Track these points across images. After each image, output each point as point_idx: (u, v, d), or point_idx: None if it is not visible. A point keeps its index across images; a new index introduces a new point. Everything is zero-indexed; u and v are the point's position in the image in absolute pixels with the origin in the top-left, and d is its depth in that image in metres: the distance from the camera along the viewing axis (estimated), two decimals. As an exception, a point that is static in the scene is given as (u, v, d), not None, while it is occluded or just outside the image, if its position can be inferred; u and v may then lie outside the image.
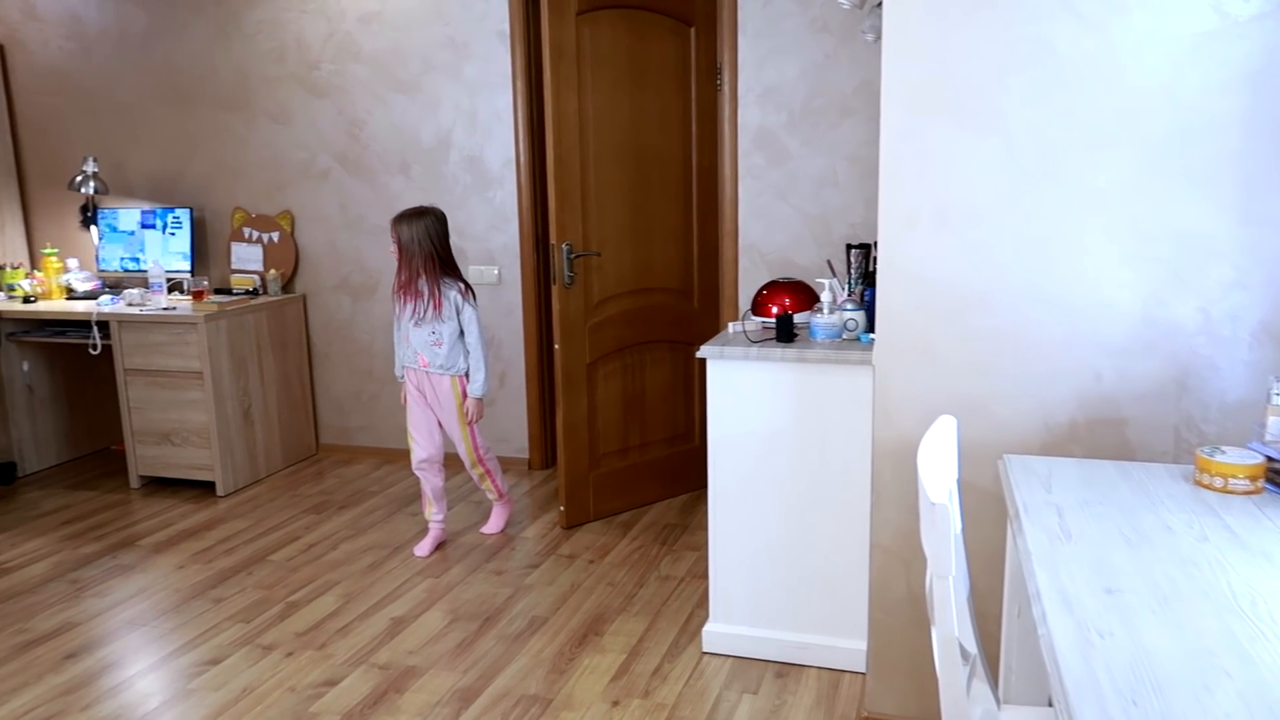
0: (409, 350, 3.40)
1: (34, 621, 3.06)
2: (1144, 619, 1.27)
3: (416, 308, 3.34)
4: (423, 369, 3.39)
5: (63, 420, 4.75)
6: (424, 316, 3.34)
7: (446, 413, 3.45)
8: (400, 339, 3.44)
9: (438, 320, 3.33)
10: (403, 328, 3.40)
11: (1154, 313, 2.03)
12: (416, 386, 3.45)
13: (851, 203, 3.82)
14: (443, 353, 3.37)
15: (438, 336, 3.36)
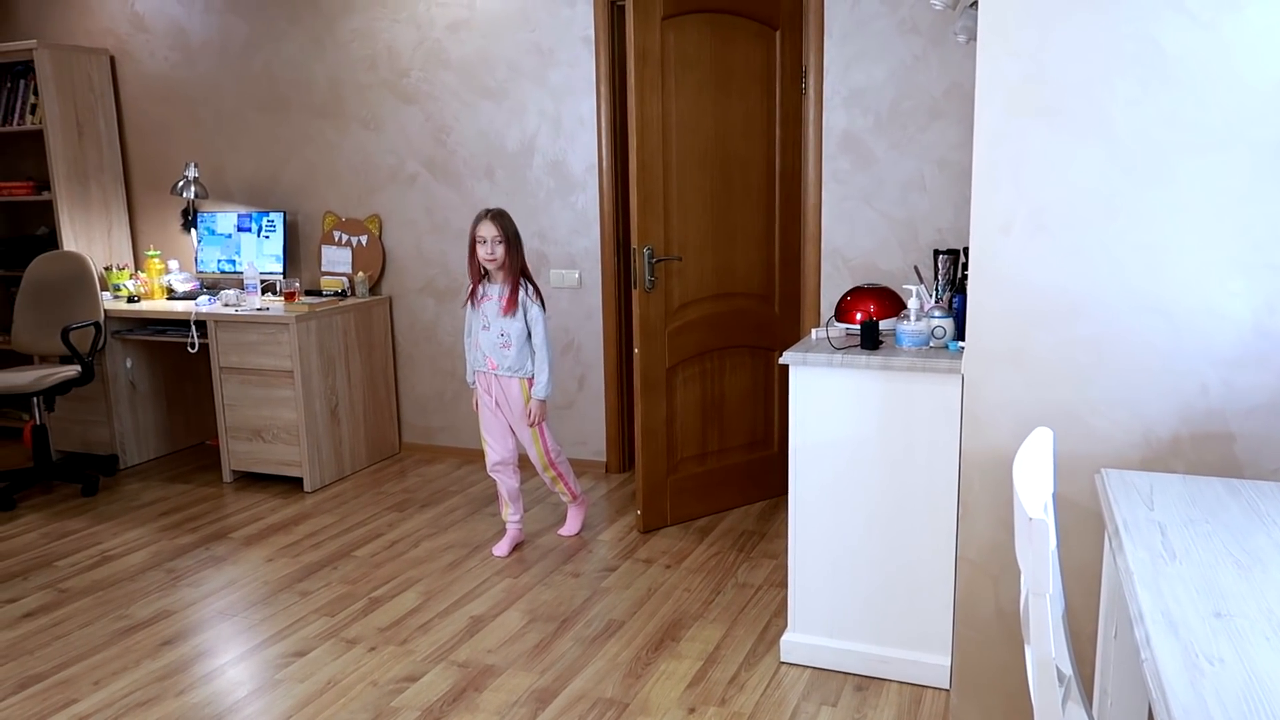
0: (478, 354, 3.43)
1: (133, 608, 3.18)
2: (1257, 645, 1.21)
3: (485, 310, 3.37)
4: (491, 372, 3.41)
5: (161, 415, 4.94)
6: (494, 317, 3.35)
7: (517, 416, 3.46)
8: (470, 344, 3.48)
9: (508, 319, 3.34)
10: (473, 332, 3.43)
11: (1266, 323, 1.93)
12: (487, 390, 3.46)
13: (939, 207, 3.74)
14: (511, 355, 3.37)
15: (506, 338, 3.36)
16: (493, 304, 3.35)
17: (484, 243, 3.28)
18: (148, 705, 2.59)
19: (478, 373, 3.47)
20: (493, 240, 3.27)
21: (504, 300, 3.33)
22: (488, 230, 3.27)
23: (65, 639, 2.98)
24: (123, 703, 2.61)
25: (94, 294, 4.41)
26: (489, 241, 3.28)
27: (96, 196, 4.99)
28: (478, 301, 3.38)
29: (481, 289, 3.37)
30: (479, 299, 3.38)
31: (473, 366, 3.48)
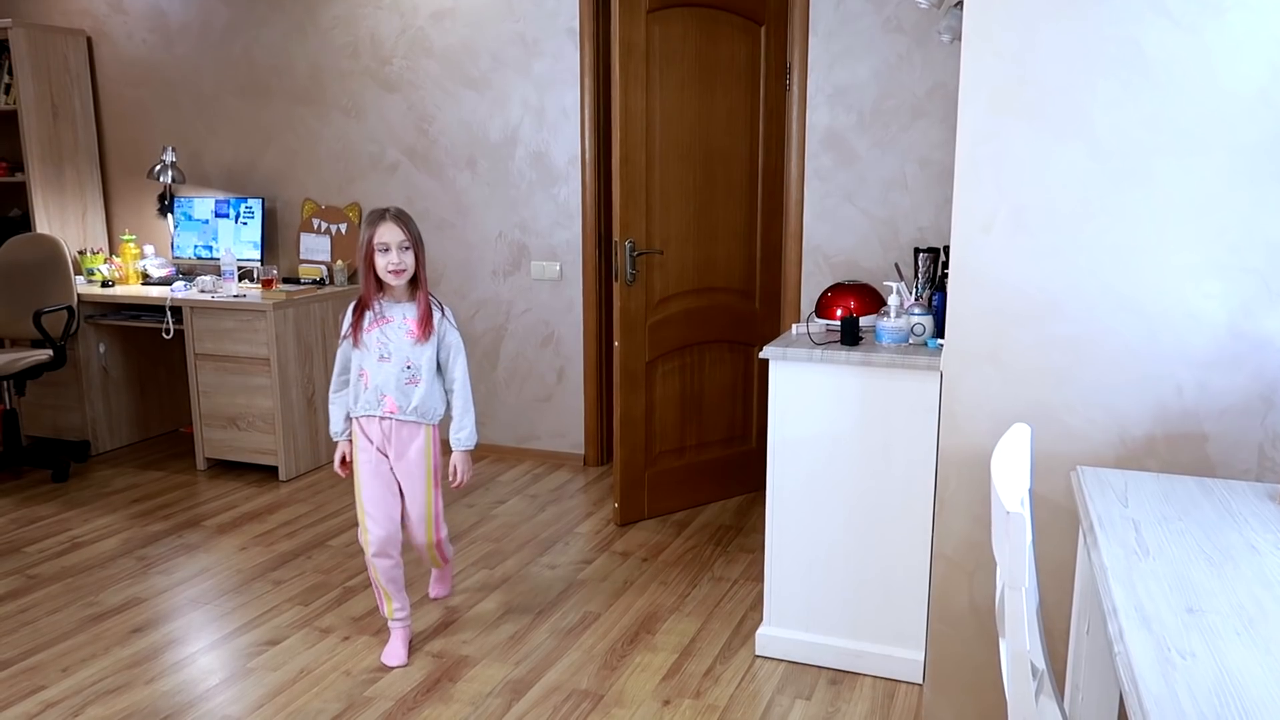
0: (369, 394, 2.62)
1: (104, 595, 3.14)
2: (1228, 640, 1.22)
3: (383, 336, 2.61)
4: (389, 417, 2.63)
5: (135, 402, 4.88)
6: (398, 345, 2.60)
7: (413, 478, 2.69)
8: (349, 384, 2.68)
9: (419, 347, 2.61)
10: (361, 367, 2.63)
11: (1241, 325, 1.96)
12: (371, 442, 2.65)
13: (920, 206, 3.76)
14: (420, 393, 2.63)
15: (414, 372, 2.62)
16: (395, 328, 2.61)
17: (386, 250, 2.54)
18: (117, 693, 2.56)
19: (358, 419, 2.65)
20: (398, 246, 2.54)
21: (413, 323, 2.61)
22: (392, 234, 2.54)
23: (33, 625, 2.94)
24: (91, 690, 2.58)
25: (67, 278, 4.35)
26: (393, 248, 2.54)
27: (71, 179, 4.92)
28: (368, 327, 2.60)
29: (376, 310, 2.61)
30: (370, 324, 2.60)
31: (352, 410, 2.67)
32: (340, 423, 2.70)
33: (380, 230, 2.54)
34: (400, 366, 2.61)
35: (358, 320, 2.61)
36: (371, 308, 2.60)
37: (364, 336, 2.60)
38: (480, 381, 4.64)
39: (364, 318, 2.61)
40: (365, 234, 2.54)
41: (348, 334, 2.63)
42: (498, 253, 4.50)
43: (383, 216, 2.55)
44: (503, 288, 4.52)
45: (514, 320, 4.53)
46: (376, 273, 2.56)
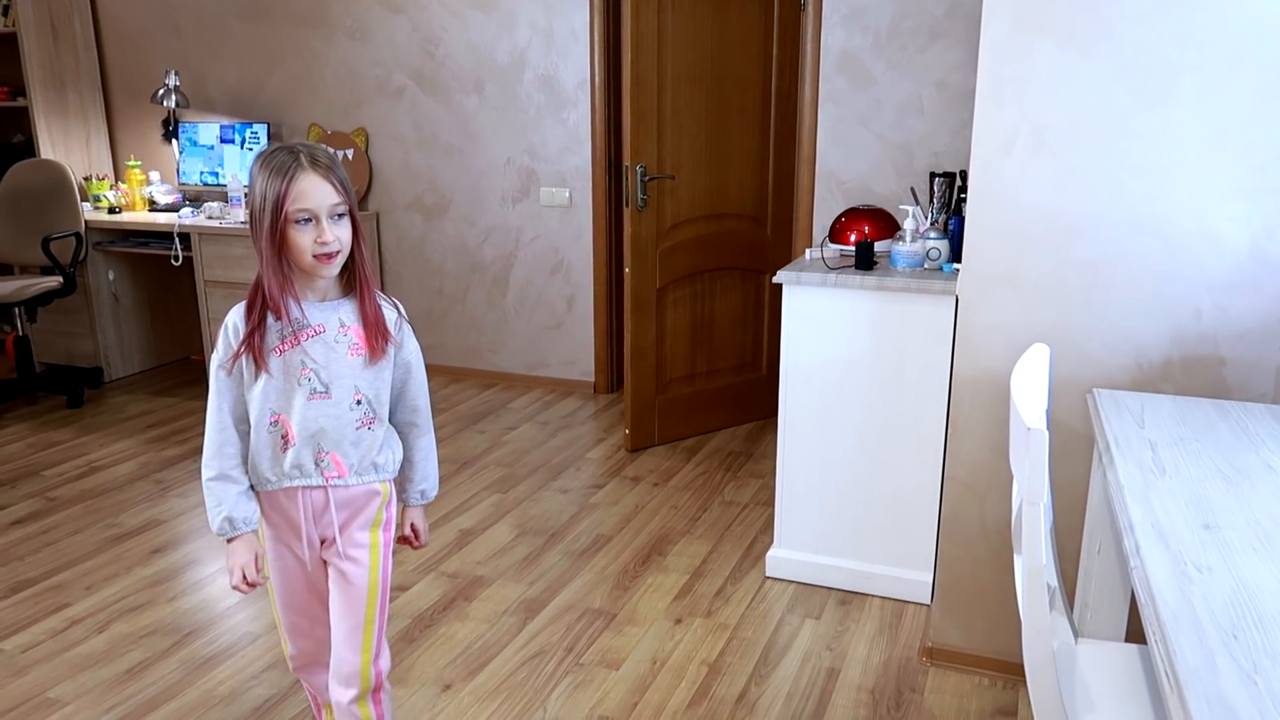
0: (294, 453, 1.63)
1: (123, 517, 3.19)
2: (1245, 555, 1.23)
3: (304, 359, 1.60)
4: (325, 485, 1.66)
5: (146, 329, 4.89)
6: (333, 370, 1.62)
7: (357, 572, 1.72)
8: (254, 437, 1.64)
9: (372, 370, 1.66)
10: (265, 406, 1.61)
11: (1264, 248, 1.94)
12: (302, 533, 1.68)
13: (937, 130, 3.69)
14: (377, 438, 1.69)
15: (368, 408, 1.66)
16: (330, 343, 1.62)
17: (308, 220, 1.54)
18: (140, 610, 2.62)
19: (271, 496, 1.66)
20: (329, 213, 1.55)
21: (357, 331, 1.64)
22: (317, 192, 1.54)
23: (55, 546, 2.99)
24: (115, 607, 2.63)
25: (74, 204, 4.32)
26: (321, 216, 1.54)
27: (74, 104, 4.85)
28: (280, 346, 1.60)
29: (293, 317, 1.59)
30: (284, 340, 1.60)
31: (260, 484, 1.66)
32: (240, 505, 1.61)
33: (297, 186, 1.50)
34: (347, 402, 1.62)
35: (256, 335, 1.56)
36: (284, 314, 1.56)
37: (275, 360, 1.58)
38: (490, 310, 4.63)
39: (268, 331, 1.57)
40: (267, 191, 1.51)
41: (238, 358, 1.57)
42: (506, 179, 4.45)
43: (296, 161, 1.51)
44: (511, 214, 4.48)
45: (523, 248, 4.50)
46: (291, 256, 1.54)
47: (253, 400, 1.61)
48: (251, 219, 1.57)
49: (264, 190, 1.52)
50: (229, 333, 1.60)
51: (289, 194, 1.51)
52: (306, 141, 1.77)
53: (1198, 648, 1.03)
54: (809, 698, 2.24)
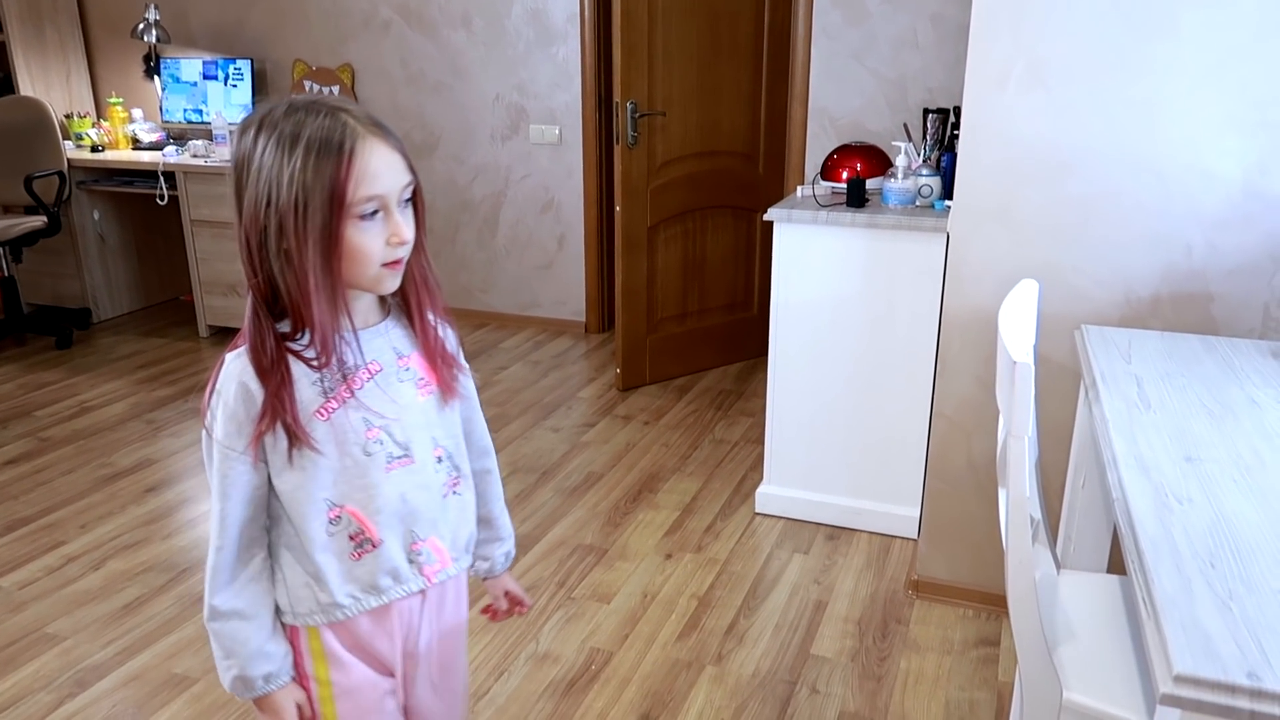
0: (385, 552, 1.13)
1: (115, 457, 3.20)
2: (1225, 487, 1.25)
3: (382, 394, 1.11)
4: (426, 590, 1.18)
5: (133, 269, 4.85)
6: (411, 419, 1.14)
7: (452, 673, 1.29)
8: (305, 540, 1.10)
9: (446, 411, 1.19)
10: (336, 492, 1.09)
11: (1257, 183, 1.92)
12: (388, 663, 1.20)
13: (931, 66, 3.64)
14: (467, 505, 1.23)
15: (450, 466, 1.19)
16: (384, 388, 1.12)
17: (375, 212, 1.03)
18: (135, 547, 2.64)
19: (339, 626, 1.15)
20: (399, 196, 1.04)
21: (418, 362, 1.16)
22: (392, 169, 1.03)
23: (49, 485, 3.00)
24: (110, 545, 2.65)
25: (56, 142, 4.25)
26: (393, 202, 1.04)
27: (53, 39, 4.74)
28: (316, 412, 1.07)
29: (340, 364, 1.08)
30: (327, 399, 1.07)
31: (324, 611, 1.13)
32: (264, 655, 1.11)
33: (361, 163, 1.00)
34: (430, 462, 1.16)
35: (284, 399, 1.04)
36: (332, 357, 1.07)
37: (322, 428, 1.07)
38: (480, 249, 4.60)
39: (298, 387, 1.06)
40: (307, 176, 0.99)
41: (261, 439, 1.05)
42: (495, 116, 4.39)
43: (346, 127, 1.01)
44: (501, 152, 4.42)
45: (513, 186, 4.45)
46: (345, 269, 1.03)
47: (292, 494, 1.07)
48: (261, 219, 0.99)
49: (300, 175, 0.97)
50: (236, 401, 1.03)
51: (350, 176, 0.99)
52: (326, 96, 1.17)
53: (1175, 576, 1.05)
54: (796, 629, 2.28)
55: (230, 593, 1.09)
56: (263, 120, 1.02)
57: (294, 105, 1.02)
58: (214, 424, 1.06)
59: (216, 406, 1.06)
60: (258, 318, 1.05)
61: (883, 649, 2.22)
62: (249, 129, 1.02)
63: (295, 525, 1.10)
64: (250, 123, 1.03)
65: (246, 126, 1.03)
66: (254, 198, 1.00)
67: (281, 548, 1.12)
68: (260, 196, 1.00)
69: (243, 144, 1.02)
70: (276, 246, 1.01)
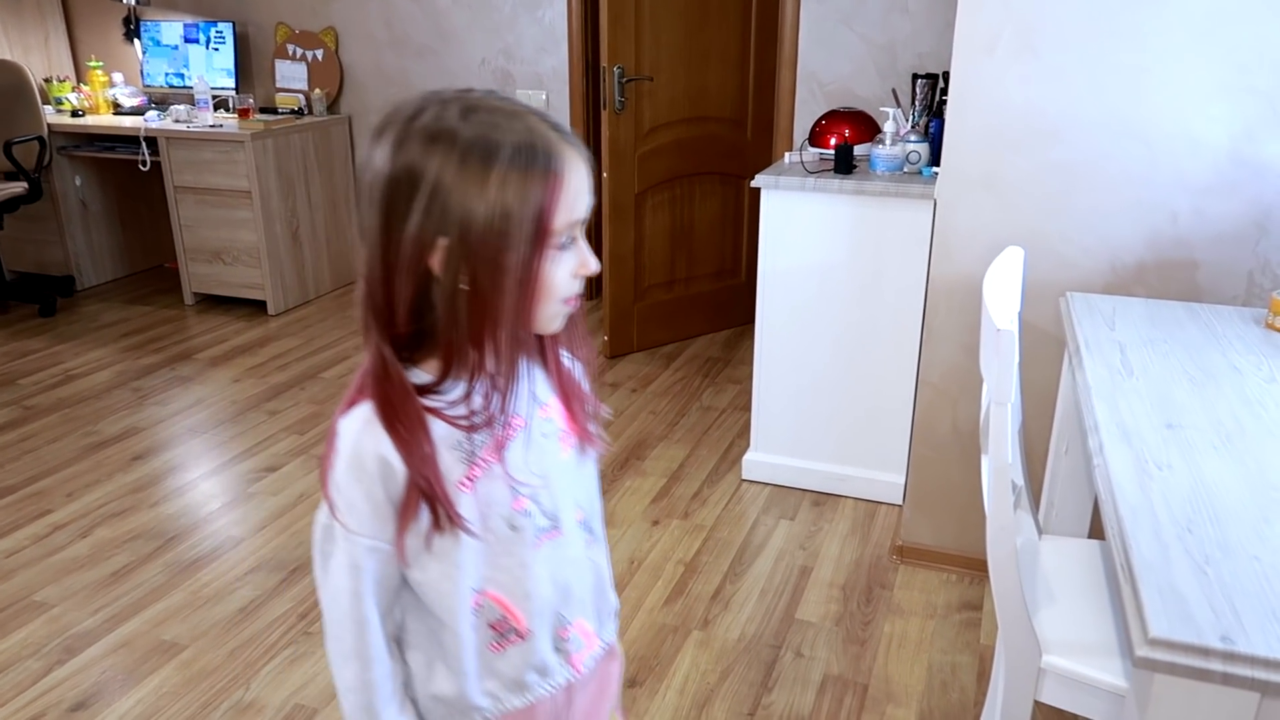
0: (534, 645, 0.95)
1: (101, 425, 3.19)
2: (1205, 454, 1.26)
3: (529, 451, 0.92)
4: (576, 672, 1.00)
5: (116, 236, 4.80)
6: (557, 481, 0.95)
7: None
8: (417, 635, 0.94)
9: (587, 465, 1.01)
10: (479, 577, 0.91)
11: (1243, 150, 1.92)
12: None
13: (920, 31, 3.61)
14: (604, 570, 1.04)
15: (587, 529, 1.00)
16: (528, 448, 0.92)
17: (570, 241, 0.86)
18: (122, 515, 2.64)
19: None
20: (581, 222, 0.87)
21: (558, 410, 0.97)
22: (588, 189, 0.86)
23: (35, 453, 2.99)
24: (98, 513, 2.65)
25: (35, 107, 4.18)
26: (579, 229, 0.87)
27: (30, 1, 4.65)
28: (458, 482, 0.87)
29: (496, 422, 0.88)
30: (470, 466, 0.88)
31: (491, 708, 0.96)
32: None
33: (572, 185, 0.84)
34: (575, 530, 0.99)
35: (428, 469, 0.85)
36: (498, 413, 0.88)
37: (466, 501, 0.88)
38: (467, 216, 4.56)
39: (438, 451, 0.86)
40: (506, 199, 0.80)
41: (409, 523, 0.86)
42: (481, 80, 4.33)
43: (552, 136, 0.84)
44: (488, 118, 4.37)
45: (500, 152, 4.41)
46: (538, 304, 0.86)
47: (430, 585, 0.90)
48: (432, 247, 0.81)
49: (500, 195, 0.80)
50: (373, 478, 0.84)
51: (558, 200, 0.83)
52: (489, 92, 0.86)
53: (1153, 542, 1.06)
54: (782, 594, 2.30)
55: (396, 710, 0.92)
56: (433, 124, 0.81)
57: (470, 105, 0.82)
58: (344, 510, 0.86)
59: (345, 487, 0.85)
60: (387, 369, 0.85)
61: (867, 613, 2.24)
62: (411, 135, 0.81)
63: (429, 620, 0.92)
64: (408, 126, 0.82)
65: (406, 131, 0.82)
66: (424, 221, 0.80)
67: (408, 647, 0.94)
68: (436, 219, 0.80)
69: (405, 153, 0.81)
70: (450, 280, 0.82)
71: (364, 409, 0.85)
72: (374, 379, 0.85)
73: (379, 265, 0.83)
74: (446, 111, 0.82)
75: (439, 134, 0.80)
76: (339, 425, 0.86)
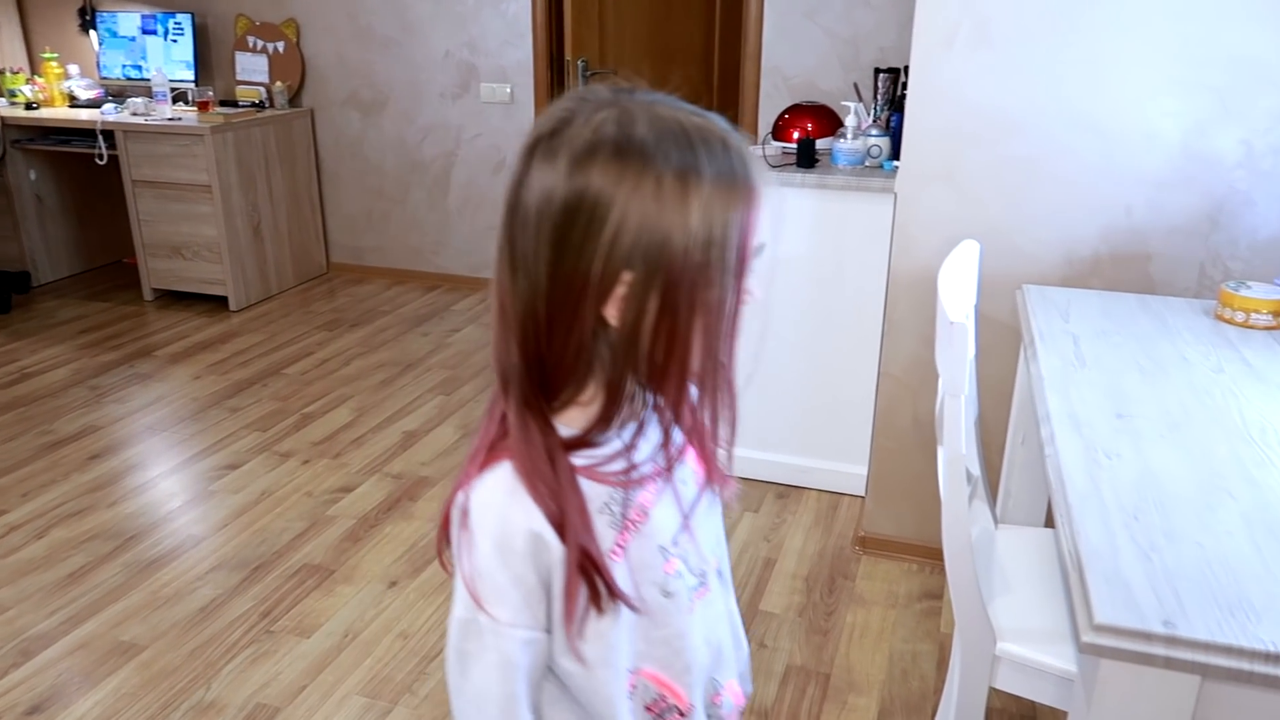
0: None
1: (58, 424, 3.14)
2: (1153, 443, 1.28)
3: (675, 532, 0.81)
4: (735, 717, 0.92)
5: (73, 231, 4.72)
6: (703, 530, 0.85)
7: None
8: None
9: (715, 507, 0.90)
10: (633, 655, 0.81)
11: (1195, 144, 1.95)
12: None
13: (883, 24, 3.63)
14: (736, 616, 0.95)
15: (720, 576, 0.90)
16: (670, 500, 0.81)
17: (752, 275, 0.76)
18: (80, 515, 2.60)
19: None
20: None
21: (689, 452, 0.83)
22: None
23: (-11, 453, 2.94)
24: (54, 513, 2.61)
25: (-13, 98, 4.10)
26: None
27: (-20, -10, 4.56)
28: (611, 551, 0.76)
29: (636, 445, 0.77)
30: (621, 532, 0.77)
31: None
32: None
33: (759, 204, 0.75)
34: (716, 580, 0.89)
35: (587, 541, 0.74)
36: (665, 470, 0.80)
37: (620, 570, 0.77)
38: (432, 210, 4.54)
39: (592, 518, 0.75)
40: (710, 220, 0.70)
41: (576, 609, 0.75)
42: (445, 73, 4.31)
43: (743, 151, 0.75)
44: (452, 111, 4.35)
45: (464, 146, 4.39)
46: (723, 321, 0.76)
47: (586, 671, 0.78)
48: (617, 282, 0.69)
49: (704, 222, 0.69)
50: (522, 557, 0.73)
51: (754, 225, 0.74)
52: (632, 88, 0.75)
53: (1101, 529, 1.08)
54: (746, 586, 2.32)
55: None
56: (617, 138, 0.68)
57: (654, 112, 0.70)
58: (492, 600, 0.73)
59: (492, 572, 0.73)
60: (533, 426, 0.73)
61: (829, 604, 2.26)
62: (590, 152, 0.68)
63: (574, 712, 0.81)
64: (585, 141, 0.68)
65: (582, 148, 0.68)
66: (609, 254, 0.68)
67: None
68: (622, 252, 0.68)
69: (584, 175, 0.67)
70: (632, 320, 0.70)
71: (501, 476, 0.73)
72: (517, 438, 0.72)
73: (542, 306, 0.70)
74: (628, 120, 0.69)
75: (626, 150, 0.67)
76: (472, 499, 0.73)
